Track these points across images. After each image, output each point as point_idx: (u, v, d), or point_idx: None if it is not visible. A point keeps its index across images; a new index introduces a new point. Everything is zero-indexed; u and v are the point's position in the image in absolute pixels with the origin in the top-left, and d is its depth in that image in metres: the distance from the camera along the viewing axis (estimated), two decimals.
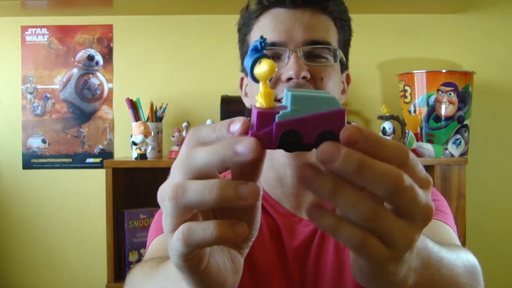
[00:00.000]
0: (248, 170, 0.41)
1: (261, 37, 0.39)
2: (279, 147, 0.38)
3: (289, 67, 0.84)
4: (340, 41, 0.92)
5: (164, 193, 0.41)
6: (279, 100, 0.84)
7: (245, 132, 0.38)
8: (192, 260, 0.40)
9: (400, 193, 0.37)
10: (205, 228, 0.38)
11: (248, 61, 0.39)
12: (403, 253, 0.39)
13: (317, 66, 0.86)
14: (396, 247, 0.38)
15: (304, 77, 0.84)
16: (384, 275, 0.40)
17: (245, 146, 0.36)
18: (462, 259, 0.56)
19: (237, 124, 0.38)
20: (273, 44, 0.87)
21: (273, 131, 0.37)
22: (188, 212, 0.40)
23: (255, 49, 0.39)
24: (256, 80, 0.39)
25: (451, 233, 0.81)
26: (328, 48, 0.88)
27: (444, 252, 0.52)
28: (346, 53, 0.96)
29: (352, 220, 0.37)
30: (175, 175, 0.41)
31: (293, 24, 0.87)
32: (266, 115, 0.37)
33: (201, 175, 0.39)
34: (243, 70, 0.98)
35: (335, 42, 0.90)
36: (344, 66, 0.95)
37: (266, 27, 0.89)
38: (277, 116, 0.37)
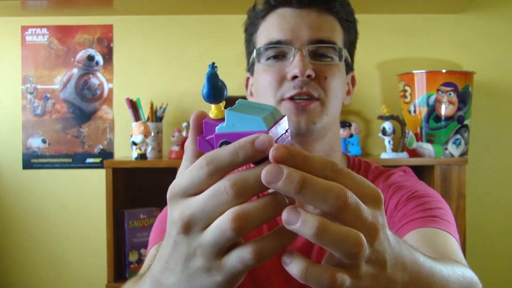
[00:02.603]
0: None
1: (212, 64, 0.45)
2: None
3: (294, 65, 0.85)
4: (346, 42, 0.93)
5: (202, 217, 0.41)
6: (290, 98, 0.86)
7: (271, 146, 0.39)
8: (245, 273, 0.42)
9: (342, 211, 0.38)
10: (272, 241, 0.41)
11: (207, 90, 0.44)
12: (355, 260, 0.40)
13: (321, 65, 0.87)
14: (346, 255, 0.39)
15: (309, 76, 0.85)
16: None
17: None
18: (457, 275, 0.55)
19: (264, 142, 0.39)
20: (278, 42, 0.87)
21: (213, 139, 0.43)
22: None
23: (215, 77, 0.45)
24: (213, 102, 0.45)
25: (453, 244, 0.80)
26: (333, 48, 0.88)
27: (437, 267, 0.51)
28: (351, 55, 0.96)
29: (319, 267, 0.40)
30: (217, 200, 0.40)
31: (298, 23, 0.87)
32: (209, 125, 0.43)
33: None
34: (248, 69, 0.99)
35: (340, 42, 0.91)
36: (349, 67, 0.96)
37: (272, 26, 0.89)
38: (216, 127, 0.43)
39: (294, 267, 0.40)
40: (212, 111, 0.45)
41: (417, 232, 0.79)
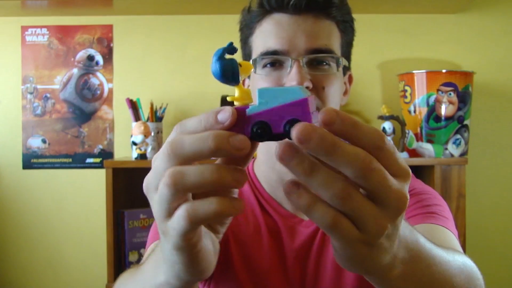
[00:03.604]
0: (238, 159, 0.44)
1: (230, 44, 0.43)
2: (251, 139, 0.41)
3: (292, 77, 0.84)
4: (343, 44, 0.92)
5: (153, 182, 0.43)
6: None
7: (234, 120, 0.40)
8: (192, 239, 0.43)
9: (367, 175, 0.38)
10: (209, 204, 0.40)
11: (218, 66, 0.42)
12: (375, 238, 0.40)
13: (319, 75, 0.86)
14: (367, 231, 0.39)
15: (306, 87, 0.84)
16: (358, 258, 0.41)
17: (226, 115, 0.40)
18: (458, 262, 0.55)
19: (225, 113, 0.40)
20: (275, 52, 0.86)
21: (245, 123, 0.41)
22: (184, 195, 0.42)
23: (223, 53, 0.42)
24: (229, 82, 0.43)
25: (452, 239, 0.81)
26: (331, 56, 0.87)
27: (438, 251, 0.52)
28: (349, 54, 0.96)
29: (326, 201, 0.39)
30: (161, 164, 0.42)
31: (295, 31, 0.86)
32: (238, 110, 0.41)
33: (189, 163, 0.41)
34: None
35: (338, 48, 0.90)
36: (346, 68, 0.95)
37: (269, 33, 0.88)
38: (247, 110, 0.41)
39: (301, 198, 0.39)
40: (237, 97, 0.43)
41: (415, 229, 0.80)
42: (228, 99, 0.44)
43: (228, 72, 0.42)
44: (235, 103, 0.43)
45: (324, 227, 0.39)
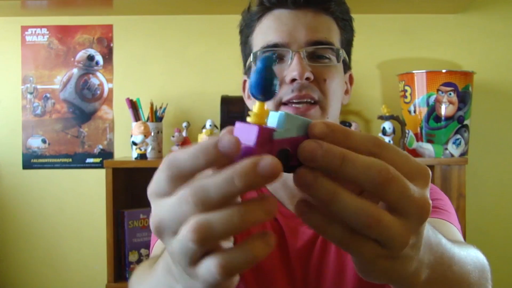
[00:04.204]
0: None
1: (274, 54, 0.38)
2: None
3: (292, 68, 0.84)
4: (343, 41, 0.92)
5: (171, 226, 0.37)
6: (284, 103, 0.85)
7: (238, 149, 0.35)
8: (226, 284, 0.38)
9: (386, 187, 0.36)
10: (245, 254, 0.35)
11: (258, 78, 0.37)
12: (398, 251, 0.38)
13: (320, 67, 0.86)
14: (390, 246, 0.37)
15: (307, 78, 0.84)
16: (382, 271, 0.39)
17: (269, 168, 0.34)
18: (472, 257, 0.55)
19: (230, 142, 0.34)
20: (275, 45, 0.86)
21: (271, 148, 0.36)
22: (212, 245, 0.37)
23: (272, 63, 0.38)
24: (264, 95, 0.38)
25: (456, 233, 0.80)
26: (331, 49, 0.87)
27: (455, 249, 0.51)
28: (348, 53, 0.96)
29: (342, 221, 0.36)
30: (179, 209, 0.36)
31: (295, 25, 0.86)
32: (266, 132, 0.36)
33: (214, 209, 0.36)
34: (245, 72, 0.98)
35: (338, 43, 0.90)
36: (347, 66, 0.95)
37: (268, 28, 0.88)
38: (274, 133, 0.36)
39: (313, 220, 0.37)
40: (255, 113, 0.38)
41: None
42: (249, 115, 0.38)
43: (268, 84, 0.37)
44: (248, 118, 0.38)
45: (341, 247, 0.37)
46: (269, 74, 0.36)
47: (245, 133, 0.36)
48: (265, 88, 0.36)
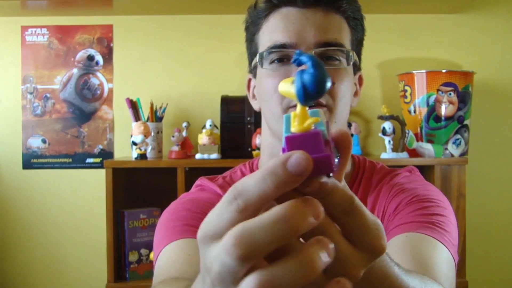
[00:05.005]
0: None
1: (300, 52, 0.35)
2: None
3: None
4: (353, 42, 0.89)
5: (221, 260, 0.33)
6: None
7: (311, 166, 0.32)
8: None
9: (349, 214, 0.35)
10: (288, 274, 0.32)
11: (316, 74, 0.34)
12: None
13: (329, 69, 0.82)
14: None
15: None
16: None
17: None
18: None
19: (300, 158, 0.31)
20: (283, 45, 0.83)
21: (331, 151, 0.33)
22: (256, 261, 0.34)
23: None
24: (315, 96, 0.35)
25: (441, 255, 0.74)
26: (341, 50, 0.84)
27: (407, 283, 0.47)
28: (359, 53, 0.92)
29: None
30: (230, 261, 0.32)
31: (304, 24, 0.83)
32: (323, 136, 0.34)
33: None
34: (251, 71, 0.94)
35: (348, 43, 0.87)
36: (357, 67, 0.92)
37: (276, 27, 0.85)
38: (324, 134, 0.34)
39: None
40: (300, 119, 0.35)
41: (406, 236, 0.76)
42: (291, 115, 0.36)
43: (322, 84, 0.33)
44: (293, 128, 0.35)
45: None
46: (323, 76, 0.33)
47: (303, 144, 0.33)
48: (322, 92, 0.34)
